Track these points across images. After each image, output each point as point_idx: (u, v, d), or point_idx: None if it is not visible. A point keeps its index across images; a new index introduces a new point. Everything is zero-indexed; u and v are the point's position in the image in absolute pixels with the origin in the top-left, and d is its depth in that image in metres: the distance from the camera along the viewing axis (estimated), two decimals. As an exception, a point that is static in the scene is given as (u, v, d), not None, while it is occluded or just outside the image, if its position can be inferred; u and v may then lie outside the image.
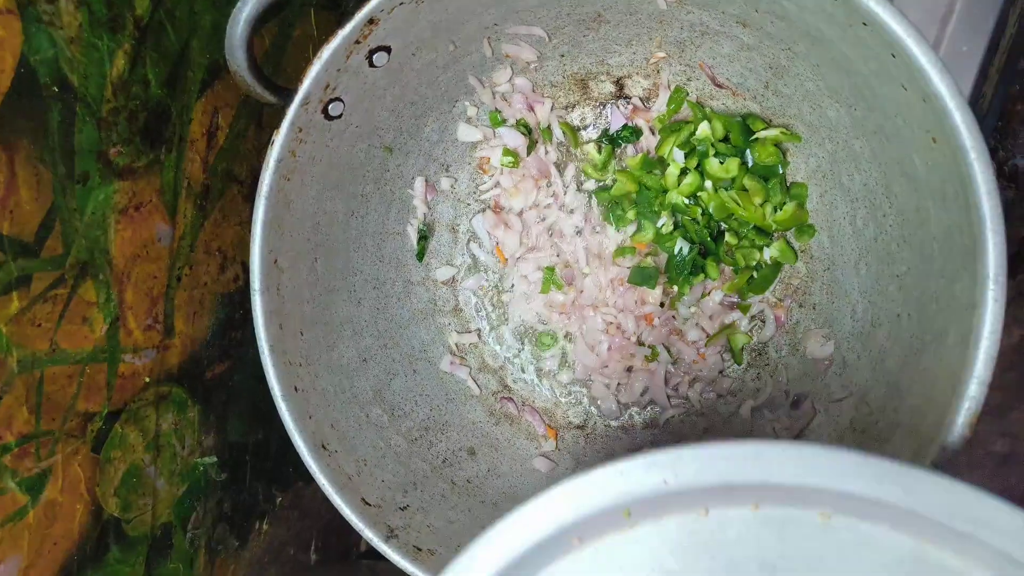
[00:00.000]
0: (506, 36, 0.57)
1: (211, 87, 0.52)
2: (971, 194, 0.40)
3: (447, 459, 0.59)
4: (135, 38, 0.45)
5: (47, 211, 0.41)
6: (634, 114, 0.62)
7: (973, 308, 0.40)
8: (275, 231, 0.50)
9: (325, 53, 0.47)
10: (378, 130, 0.56)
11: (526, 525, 0.36)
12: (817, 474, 0.34)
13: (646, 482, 0.35)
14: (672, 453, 0.35)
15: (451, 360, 0.63)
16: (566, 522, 0.36)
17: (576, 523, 0.36)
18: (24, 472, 0.41)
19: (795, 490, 0.35)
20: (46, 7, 0.39)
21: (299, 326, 0.53)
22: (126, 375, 0.48)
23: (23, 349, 0.41)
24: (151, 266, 0.49)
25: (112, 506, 0.48)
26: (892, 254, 0.50)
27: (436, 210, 0.64)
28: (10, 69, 0.38)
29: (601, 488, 0.35)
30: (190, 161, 0.51)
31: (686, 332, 0.62)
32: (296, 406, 0.50)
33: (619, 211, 0.62)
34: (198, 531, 0.56)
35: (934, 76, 0.40)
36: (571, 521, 0.36)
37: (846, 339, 0.55)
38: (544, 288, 0.63)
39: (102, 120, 0.44)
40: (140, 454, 0.50)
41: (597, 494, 0.35)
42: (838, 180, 0.55)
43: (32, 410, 0.42)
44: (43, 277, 0.41)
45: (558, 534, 0.36)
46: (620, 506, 0.36)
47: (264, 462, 0.63)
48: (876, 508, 0.34)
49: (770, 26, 0.50)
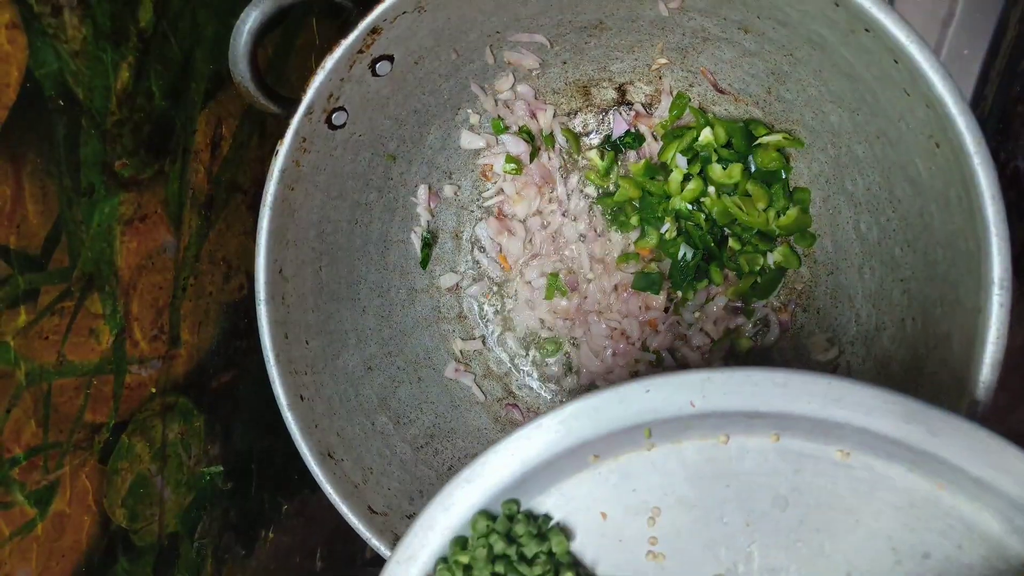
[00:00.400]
0: (508, 44, 0.57)
1: (214, 98, 0.52)
2: (975, 199, 0.40)
3: (453, 466, 0.59)
4: (139, 50, 0.45)
5: (53, 224, 0.41)
6: (636, 120, 0.62)
7: (978, 313, 0.40)
8: (279, 240, 0.50)
9: (328, 63, 0.47)
10: (381, 138, 0.56)
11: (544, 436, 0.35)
12: (844, 407, 0.33)
13: (673, 402, 0.34)
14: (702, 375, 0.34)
15: (456, 367, 0.63)
16: (585, 436, 0.35)
17: (596, 439, 0.35)
18: (32, 485, 0.41)
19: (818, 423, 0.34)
20: (51, 21, 0.40)
21: (304, 335, 0.53)
22: (132, 386, 0.48)
23: (31, 362, 0.41)
24: (156, 277, 0.49)
25: (119, 517, 0.48)
26: (896, 258, 0.50)
27: (440, 217, 0.64)
28: (15, 83, 0.38)
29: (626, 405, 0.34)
30: (194, 172, 0.51)
31: (691, 337, 0.62)
32: (302, 415, 0.50)
33: (622, 217, 0.62)
34: (205, 540, 0.56)
35: (937, 82, 0.40)
36: (591, 436, 0.35)
37: (850, 343, 0.55)
38: (548, 294, 0.63)
39: (107, 132, 0.44)
40: (147, 464, 0.50)
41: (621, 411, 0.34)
42: (841, 185, 0.55)
43: (40, 423, 0.42)
44: (50, 290, 0.41)
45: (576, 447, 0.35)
46: (642, 425, 0.35)
47: (270, 470, 0.63)
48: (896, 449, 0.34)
49: (772, 32, 0.50)
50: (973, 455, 0.33)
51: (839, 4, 0.42)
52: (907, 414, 0.33)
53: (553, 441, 0.35)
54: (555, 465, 0.36)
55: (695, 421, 0.35)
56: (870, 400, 0.33)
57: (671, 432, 0.35)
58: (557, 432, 0.35)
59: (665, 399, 0.34)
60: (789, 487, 0.36)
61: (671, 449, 0.36)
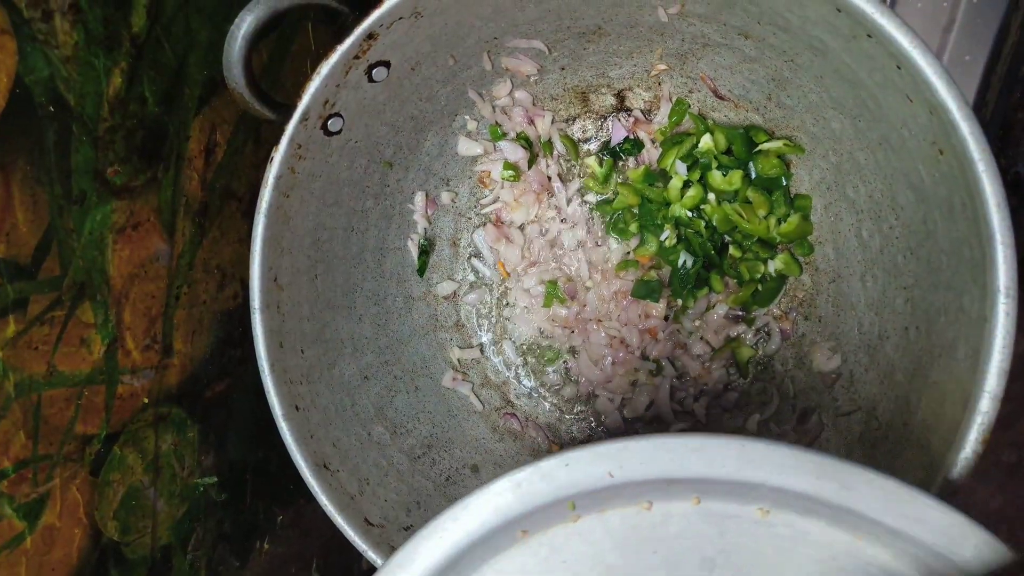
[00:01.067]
0: (506, 49, 0.56)
1: (208, 103, 0.51)
2: (979, 206, 0.40)
3: (450, 477, 0.58)
4: (132, 56, 0.45)
5: (44, 232, 0.40)
6: (635, 127, 0.61)
7: (984, 322, 0.40)
8: (275, 248, 0.50)
9: (324, 69, 0.47)
10: (378, 145, 0.56)
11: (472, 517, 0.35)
12: (758, 468, 0.34)
13: (592, 474, 0.35)
14: (619, 444, 0.35)
15: (453, 376, 0.63)
16: (512, 514, 0.35)
17: (522, 515, 0.35)
18: (21, 498, 0.41)
19: (736, 485, 0.35)
20: (41, 26, 0.39)
21: (299, 344, 0.52)
22: (125, 396, 0.47)
23: (20, 373, 0.40)
24: (149, 285, 0.48)
25: (111, 529, 0.47)
26: (899, 266, 0.50)
27: (437, 225, 0.63)
28: (5, 90, 0.37)
29: (548, 480, 0.35)
30: (188, 178, 0.51)
31: (691, 346, 0.61)
32: (297, 426, 0.50)
33: (621, 224, 0.61)
34: (198, 552, 0.55)
35: (941, 88, 0.39)
36: (518, 513, 0.35)
37: (853, 352, 0.54)
38: (546, 302, 0.63)
39: (99, 139, 0.43)
40: (139, 476, 0.49)
41: (543, 486, 0.35)
42: (843, 192, 0.54)
43: (30, 435, 0.41)
44: (40, 299, 0.41)
45: (504, 526, 0.36)
46: (565, 498, 0.35)
47: (264, 480, 0.62)
48: (813, 504, 0.34)
49: (772, 38, 0.50)
50: (887, 506, 0.34)
51: (841, 10, 0.42)
52: (819, 471, 0.34)
53: (480, 521, 0.36)
54: (486, 543, 0.36)
55: (616, 491, 0.35)
56: (782, 459, 0.34)
57: (594, 503, 0.36)
58: (484, 512, 0.36)
59: (584, 472, 0.35)
60: (715, 549, 0.36)
61: (596, 519, 0.37)
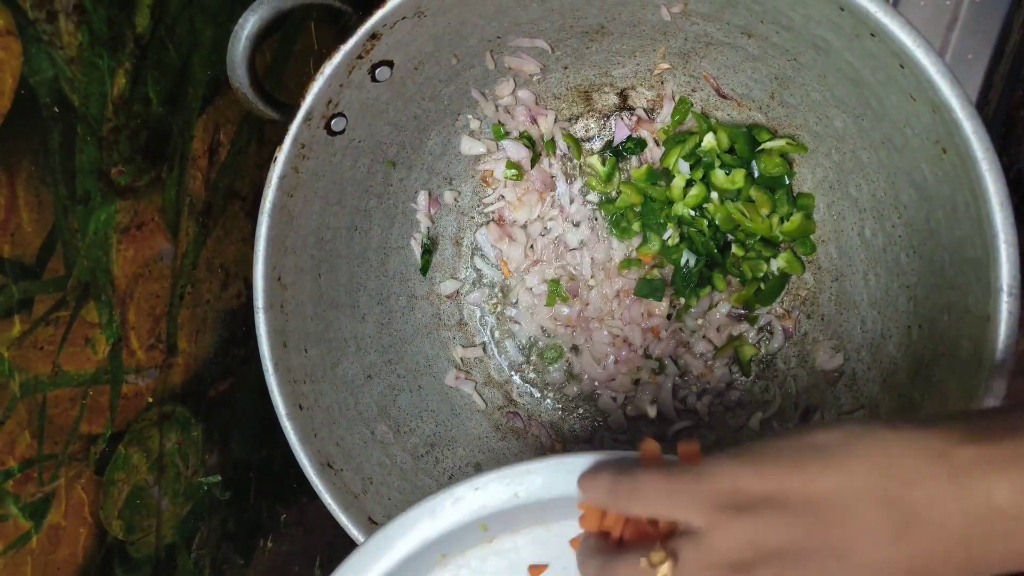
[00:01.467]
0: (509, 49, 0.56)
1: (212, 103, 0.51)
2: (983, 205, 0.40)
3: (454, 475, 0.58)
4: (136, 56, 0.45)
5: (48, 232, 0.41)
6: (638, 125, 0.61)
7: (987, 321, 0.40)
8: (278, 248, 0.50)
9: (327, 69, 0.47)
10: (381, 144, 0.56)
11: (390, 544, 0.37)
12: None
13: (500, 496, 0.37)
14: (523, 467, 0.37)
15: (456, 374, 0.63)
16: (427, 538, 0.37)
17: (438, 539, 0.37)
18: (27, 497, 0.41)
19: None
20: (46, 27, 0.39)
21: (303, 343, 0.52)
22: (129, 396, 0.47)
23: (25, 373, 0.40)
24: (153, 285, 0.49)
25: (116, 528, 0.47)
26: (901, 265, 0.50)
27: (440, 224, 0.63)
28: (10, 90, 0.38)
29: (459, 504, 0.37)
30: (192, 178, 0.51)
31: (693, 344, 0.61)
32: (301, 425, 0.50)
33: (624, 223, 0.61)
34: (202, 551, 0.55)
35: (944, 87, 0.39)
36: (433, 537, 0.37)
37: (856, 351, 0.54)
38: (549, 301, 0.63)
39: (103, 139, 0.43)
40: (144, 475, 0.49)
41: (455, 510, 0.37)
42: (845, 190, 0.54)
43: (35, 434, 0.41)
44: (45, 299, 0.41)
45: (421, 550, 0.37)
46: (477, 520, 0.37)
47: (268, 479, 0.62)
48: None
49: (775, 37, 0.50)
50: None
51: (844, 8, 0.42)
52: None
53: (397, 548, 0.37)
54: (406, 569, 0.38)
55: (525, 510, 0.37)
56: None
57: (505, 523, 0.38)
58: (400, 538, 0.37)
59: (492, 494, 0.37)
60: None
61: (509, 538, 0.40)
